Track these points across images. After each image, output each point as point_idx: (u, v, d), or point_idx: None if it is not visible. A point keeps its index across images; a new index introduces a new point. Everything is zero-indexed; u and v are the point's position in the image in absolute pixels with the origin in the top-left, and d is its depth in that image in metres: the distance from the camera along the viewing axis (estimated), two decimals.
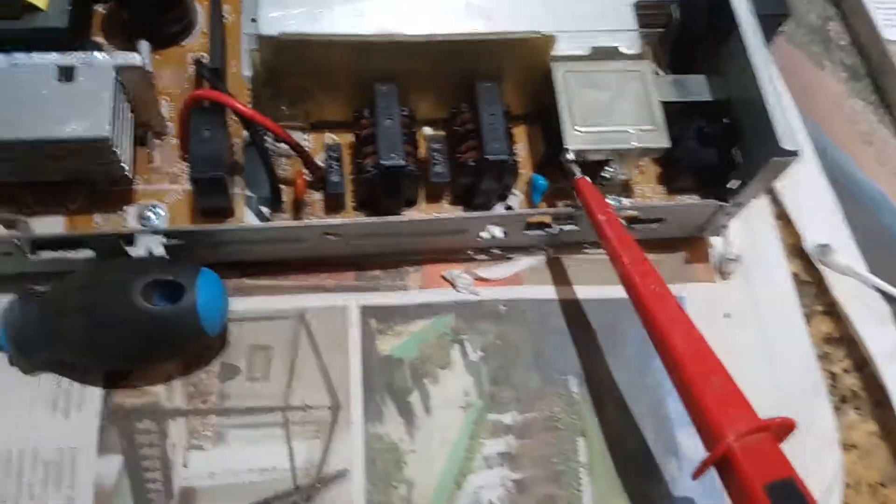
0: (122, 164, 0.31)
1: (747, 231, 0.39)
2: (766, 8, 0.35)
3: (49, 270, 0.33)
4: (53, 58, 0.30)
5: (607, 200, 0.36)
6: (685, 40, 0.38)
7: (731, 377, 0.28)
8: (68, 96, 0.30)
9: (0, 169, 0.30)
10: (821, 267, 0.39)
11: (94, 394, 0.32)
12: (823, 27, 0.48)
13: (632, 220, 0.36)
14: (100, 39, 0.37)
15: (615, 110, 0.34)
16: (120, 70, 0.31)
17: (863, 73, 0.46)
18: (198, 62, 0.33)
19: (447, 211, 0.36)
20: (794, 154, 0.31)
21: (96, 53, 0.30)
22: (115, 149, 0.30)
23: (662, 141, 0.33)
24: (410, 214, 0.35)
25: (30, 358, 0.32)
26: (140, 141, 0.34)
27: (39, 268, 0.33)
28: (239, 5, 0.39)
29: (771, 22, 0.35)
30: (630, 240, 0.32)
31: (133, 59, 0.30)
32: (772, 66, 0.33)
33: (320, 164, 0.35)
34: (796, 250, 0.40)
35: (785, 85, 0.44)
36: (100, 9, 0.37)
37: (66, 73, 0.30)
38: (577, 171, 0.33)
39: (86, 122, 0.29)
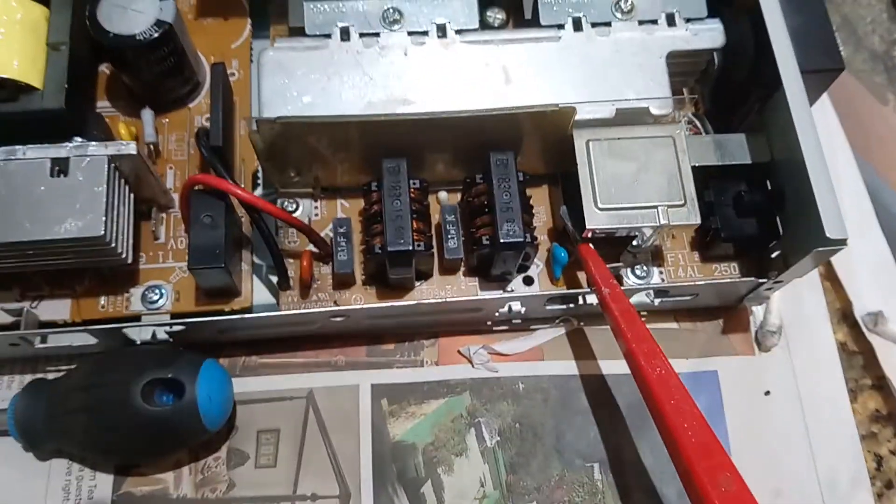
0: (120, 256, 0.30)
1: (792, 295, 0.36)
2: (816, 63, 0.31)
3: (59, 354, 0.33)
4: (47, 151, 0.29)
5: (635, 272, 0.34)
6: (727, 89, 0.35)
7: (740, 474, 0.26)
8: (63, 192, 0.28)
9: (3, 262, 0.29)
10: (871, 336, 0.35)
11: (105, 482, 0.32)
12: (888, 52, 0.43)
13: (662, 291, 0.33)
14: (104, 103, 0.36)
15: (641, 183, 0.31)
16: (115, 157, 0.29)
17: None
18: (198, 135, 0.32)
19: (463, 282, 0.34)
20: (840, 244, 0.28)
21: (90, 144, 0.29)
22: (112, 244, 0.29)
23: (692, 218, 0.30)
24: (422, 291, 0.34)
25: (39, 448, 0.32)
26: (145, 215, 0.33)
27: (50, 352, 0.33)
28: (248, 58, 0.37)
29: (821, 78, 0.32)
30: (635, 315, 0.30)
31: (127, 148, 0.29)
32: (819, 138, 0.29)
33: (331, 235, 0.33)
34: (845, 316, 0.37)
35: (838, 121, 0.40)
36: (104, 68, 0.36)
37: (61, 166, 0.29)
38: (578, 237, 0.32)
39: (80, 221, 0.28)
